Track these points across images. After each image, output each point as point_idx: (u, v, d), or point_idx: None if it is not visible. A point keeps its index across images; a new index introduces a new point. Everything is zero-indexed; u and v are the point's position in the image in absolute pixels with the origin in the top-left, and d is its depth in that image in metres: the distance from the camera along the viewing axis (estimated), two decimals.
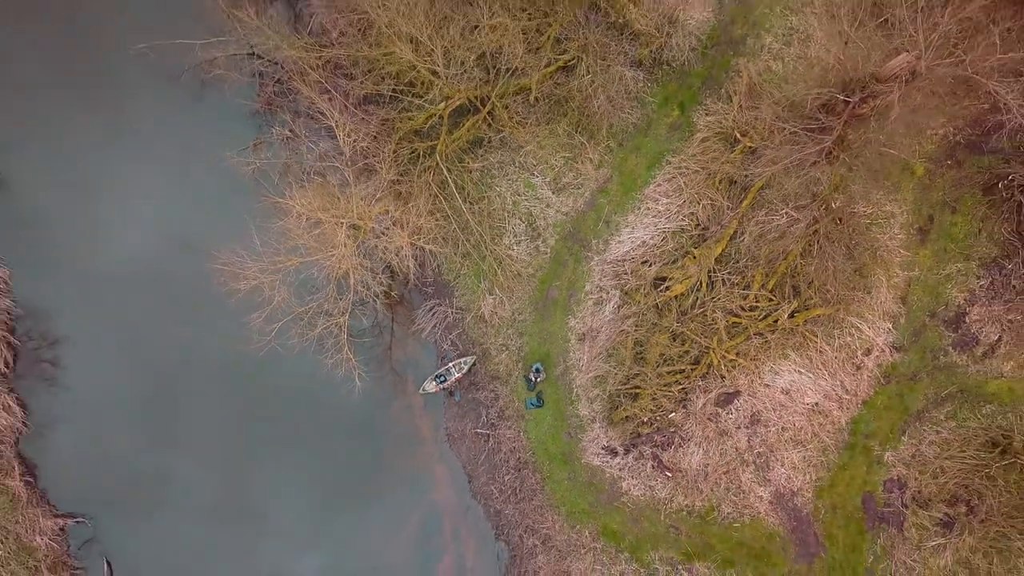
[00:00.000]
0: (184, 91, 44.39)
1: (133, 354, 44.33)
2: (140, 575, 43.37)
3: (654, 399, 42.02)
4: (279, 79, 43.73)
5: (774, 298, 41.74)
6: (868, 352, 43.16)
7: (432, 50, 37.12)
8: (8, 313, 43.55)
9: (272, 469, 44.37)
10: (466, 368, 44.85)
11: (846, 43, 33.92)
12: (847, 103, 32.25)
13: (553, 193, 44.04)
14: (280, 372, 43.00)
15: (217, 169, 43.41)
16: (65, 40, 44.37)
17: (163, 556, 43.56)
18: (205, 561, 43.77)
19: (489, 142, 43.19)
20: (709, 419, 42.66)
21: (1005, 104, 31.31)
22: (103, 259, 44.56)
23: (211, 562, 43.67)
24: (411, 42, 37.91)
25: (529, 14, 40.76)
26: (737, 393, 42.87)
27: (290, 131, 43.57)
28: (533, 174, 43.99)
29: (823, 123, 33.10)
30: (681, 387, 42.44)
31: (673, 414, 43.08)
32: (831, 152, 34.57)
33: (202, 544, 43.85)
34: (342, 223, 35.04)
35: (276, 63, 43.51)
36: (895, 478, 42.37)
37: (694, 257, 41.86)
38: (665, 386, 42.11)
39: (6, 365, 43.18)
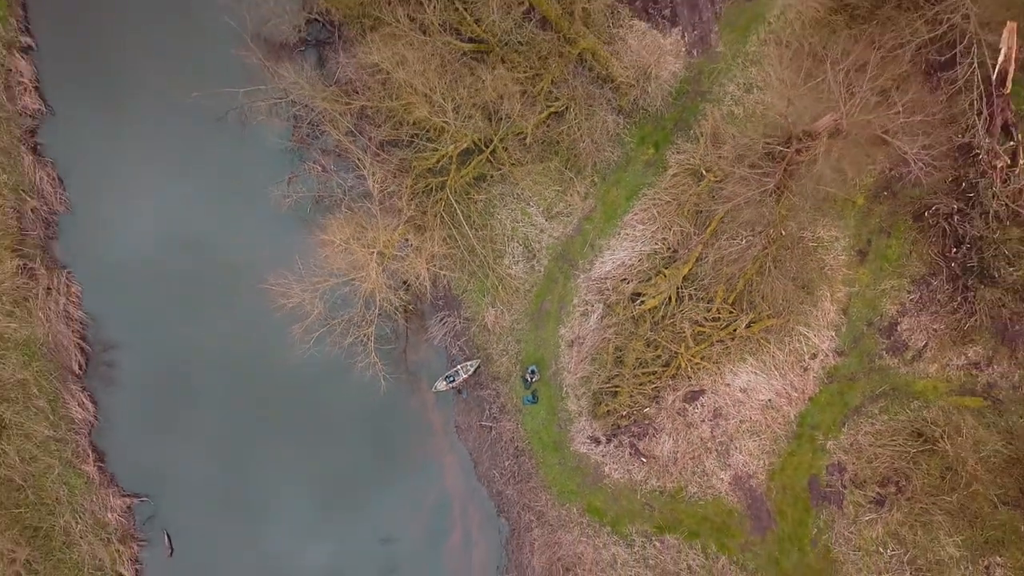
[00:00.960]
0: (230, 131, 47.58)
1: (183, 358, 47.71)
2: (197, 546, 46.99)
3: (631, 396, 45.12)
4: (311, 121, 47.07)
5: (733, 311, 44.91)
6: (814, 356, 46.07)
7: (444, 107, 41.76)
8: (81, 323, 47.32)
9: (305, 460, 47.66)
10: (472, 370, 47.69)
11: (788, 103, 39.36)
12: (784, 153, 38.29)
13: (546, 220, 47.39)
14: (312, 376, 45.95)
15: (256, 198, 46.67)
16: (135, 92, 48.48)
17: (209, 529, 47.23)
18: (246, 534, 47.22)
19: (491, 177, 46.50)
20: (678, 413, 45.97)
21: (907, 157, 37.21)
22: (155, 276, 47.89)
23: (253, 534, 47.37)
24: (426, 98, 42.30)
25: (525, 68, 44.89)
26: (702, 391, 46.06)
27: (321, 167, 47.40)
28: (529, 204, 47.38)
29: (765, 170, 38.90)
30: (654, 386, 45.36)
31: (647, 409, 45.91)
32: (775, 191, 40.27)
33: (243, 520, 47.30)
34: (372, 252, 40.16)
35: (309, 107, 46.58)
36: (836, 463, 45.47)
37: (665, 276, 45.23)
38: (640, 385, 45.15)
39: (80, 368, 46.95)
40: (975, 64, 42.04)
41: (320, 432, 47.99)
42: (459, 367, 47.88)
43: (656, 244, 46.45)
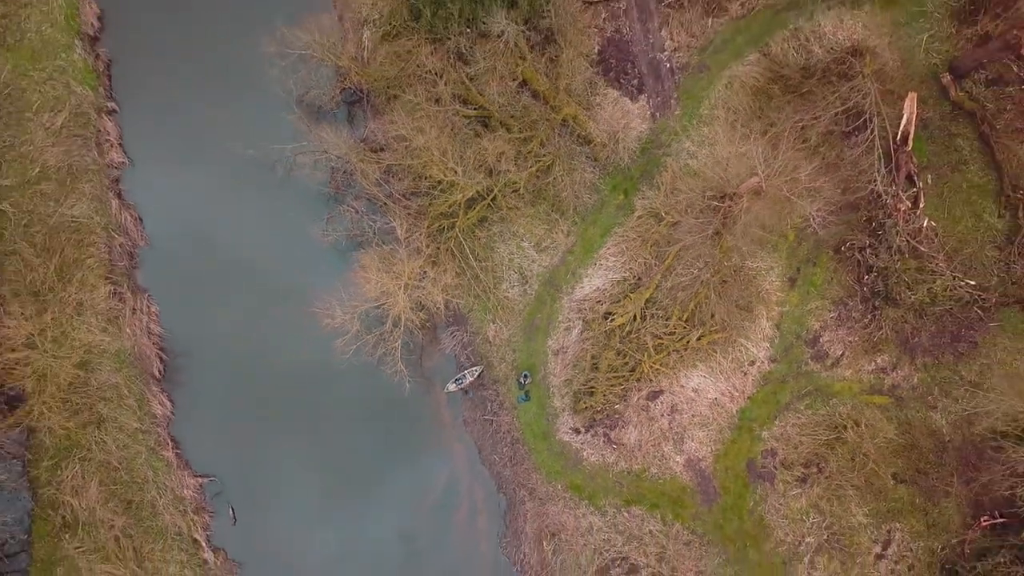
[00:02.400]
0: (278, 179, 54.30)
1: (242, 364, 53.17)
2: (257, 518, 53.54)
3: (604, 395, 50.13)
4: (345, 171, 54.21)
5: (687, 326, 50.40)
6: (752, 363, 51.80)
7: (455, 168, 50.49)
8: (160, 337, 54.26)
9: (340, 448, 52.94)
10: (476, 374, 52.40)
11: (726, 167, 48.24)
12: (719, 207, 47.78)
13: (536, 253, 53.14)
14: (348, 381, 51.47)
15: (299, 234, 53.90)
16: (200, 146, 55.02)
17: (258, 499, 53.13)
18: (291, 503, 52.86)
19: (492, 219, 52.72)
20: (642, 409, 51.42)
21: (810, 215, 46.61)
22: (217, 297, 53.77)
23: (295, 504, 53.12)
24: (440, 159, 50.56)
25: (519, 131, 52.80)
26: (661, 391, 51.32)
27: (354, 209, 54.66)
28: (522, 240, 53.11)
29: (705, 219, 48.17)
30: (623, 387, 50.39)
31: (617, 405, 50.90)
32: (715, 235, 49.41)
33: (288, 494, 53.07)
34: (400, 283, 48.38)
35: (344, 160, 53.63)
36: (769, 449, 51.34)
37: (632, 298, 51.05)
38: (612, 386, 50.24)
39: (159, 373, 53.81)
40: (875, 131, 51.18)
41: (353, 426, 53.57)
42: (466, 372, 52.76)
43: (625, 273, 52.31)
